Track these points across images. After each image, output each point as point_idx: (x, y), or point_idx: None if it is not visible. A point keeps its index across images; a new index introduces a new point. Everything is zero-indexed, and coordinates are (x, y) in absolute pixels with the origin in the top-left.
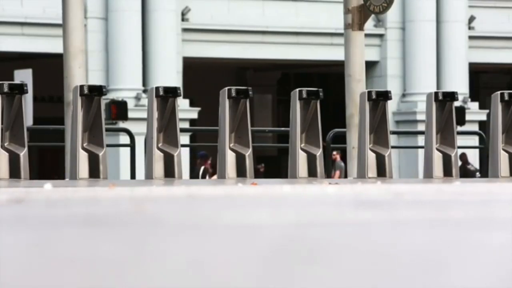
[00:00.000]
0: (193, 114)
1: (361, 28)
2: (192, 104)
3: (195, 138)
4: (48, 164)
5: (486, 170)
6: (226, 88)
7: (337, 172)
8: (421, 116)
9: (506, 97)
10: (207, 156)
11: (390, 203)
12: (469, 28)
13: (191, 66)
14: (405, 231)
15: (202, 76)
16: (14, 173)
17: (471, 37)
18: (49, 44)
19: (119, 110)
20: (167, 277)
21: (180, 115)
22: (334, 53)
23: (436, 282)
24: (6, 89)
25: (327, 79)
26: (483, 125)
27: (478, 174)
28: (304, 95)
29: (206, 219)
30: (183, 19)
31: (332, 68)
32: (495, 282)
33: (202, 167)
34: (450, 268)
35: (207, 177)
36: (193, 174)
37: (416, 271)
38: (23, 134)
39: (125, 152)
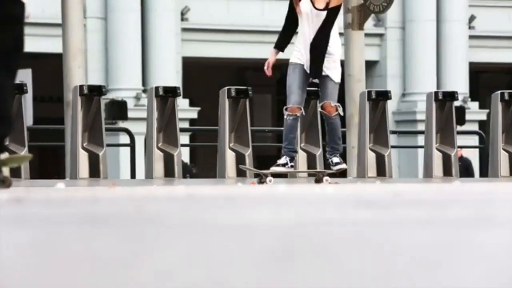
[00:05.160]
0: (193, 114)
1: (361, 27)
2: (192, 104)
3: (195, 138)
4: (48, 164)
5: (486, 170)
6: (226, 88)
7: None
8: (421, 116)
9: (506, 97)
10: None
11: (390, 203)
12: (469, 27)
13: (191, 66)
14: (405, 231)
15: (202, 76)
16: (15, 173)
17: (471, 37)
18: (49, 44)
19: (119, 110)
20: (167, 277)
21: (180, 115)
22: None
23: (436, 282)
24: None
25: None
26: (483, 125)
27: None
28: None
29: (206, 219)
30: (182, 19)
31: None
32: (495, 282)
33: None
34: (450, 268)
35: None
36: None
37: (416, 271)
38: (23, 134)
39: (125, 152)
